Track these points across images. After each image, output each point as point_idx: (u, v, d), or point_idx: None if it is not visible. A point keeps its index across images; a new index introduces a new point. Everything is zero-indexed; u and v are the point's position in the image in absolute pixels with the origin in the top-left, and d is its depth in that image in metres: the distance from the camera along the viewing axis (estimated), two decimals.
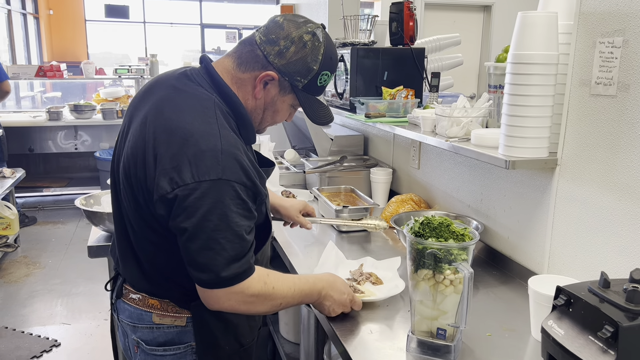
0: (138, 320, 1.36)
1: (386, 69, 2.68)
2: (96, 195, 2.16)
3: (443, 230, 1.27)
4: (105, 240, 2.01)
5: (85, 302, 3.78)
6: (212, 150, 1.16)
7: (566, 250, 1.55)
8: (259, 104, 1.33)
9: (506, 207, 1.82)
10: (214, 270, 1.16)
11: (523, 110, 1.50)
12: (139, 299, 1.35)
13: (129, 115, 1.34)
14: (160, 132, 1.20)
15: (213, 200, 1.14)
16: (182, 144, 1.16)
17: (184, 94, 1.27)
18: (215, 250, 1.15)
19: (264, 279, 1.25)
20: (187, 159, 1.15)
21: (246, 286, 1.20)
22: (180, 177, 1.14)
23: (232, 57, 1.32)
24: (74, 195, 6.28)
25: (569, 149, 1.52)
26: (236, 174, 1.17)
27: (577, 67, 1.47)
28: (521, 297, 1.61)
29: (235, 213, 1.17)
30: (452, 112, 1.87)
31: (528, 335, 1.40)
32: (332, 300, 1.41)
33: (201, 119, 1.20)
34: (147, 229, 1.27)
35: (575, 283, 1.25)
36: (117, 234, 1.39)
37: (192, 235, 1.15)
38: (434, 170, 2.30)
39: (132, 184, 1.25)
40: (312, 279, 1.39)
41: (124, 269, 1.39)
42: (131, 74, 6.06)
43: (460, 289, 1.25)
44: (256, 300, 1.23)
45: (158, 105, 1.26)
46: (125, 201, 1.29)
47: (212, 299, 1.20)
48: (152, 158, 1.19)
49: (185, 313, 1.34)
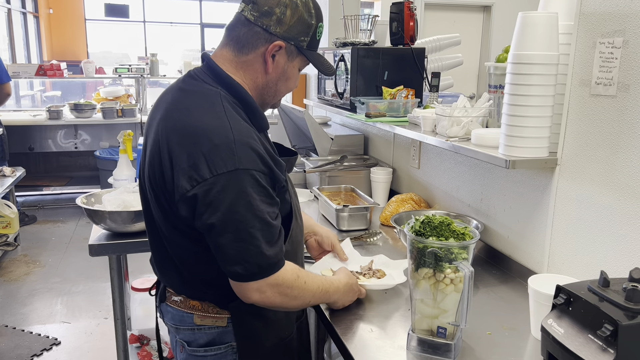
0: (180, 322, 1.37)
1: (386, 69, 2.68)
2: (97, 194, 2.17)
3: (444, 229, 1.27)
4: (105, 239, 2.01)
5: (85, 301, 3.79)
6: (225, 143, 1.16)
7: (566, 250, 1.56)
8: (271, 78, 1.33)
9: (506, 206, 1.83)
10: (249, 261, 1.16)
11: (523, 110, 1.51)
12: (181, 300, 1.37)
13: (147, 127, 1.36)
14: (172, 134, 1.21)
15: (235, 191, 1.14)
16: (195, 142, 1.17)
17: (190, 93, 1.28)
18: (246, 241, 1.15)
19: (296, 272, 1.27)
20: (202, 155, 1.15)
21: (281, 277, 1.21)
22: (198, 174, 1.15)
23: (230, 45, 1.32)
24: (74, 194, 6.28)
25: (568, 148, 1.53)
26: (253, 161, 1.18)
27: (577, 67, 1.48)
28: (521, 296, 1.62)
29: (259, 201, 1.17)
30: (453, 112, 1.88)
31: (528, 334, 1.41)
32: (345, 300, 1.47)
33: (210, 114, 1.21)
34: (177, 233, 1.28)
35: (575, 282, 1.26)
36: (151, 243, 1.40)
37: (220, 230, 1.15)
38: (434, 170, 2.31)
39: (155, 190, 1.26)
40: (335, 283, 1.42)
41: (162, 276, 1.41)
42: (131, 74, 6.06)
43: (460, 287, 1.26)
44: (290, 293, 1.25)
45: (168, 109, 1.28)
46: (154, 209, 1.31)
47: (249, 292, 1.20)
48: (168, 161, 1.20)
49: (226, 314, 1.34)
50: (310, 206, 2.51)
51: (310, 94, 3.99)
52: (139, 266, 4.11)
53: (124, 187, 2.16)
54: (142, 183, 1.37)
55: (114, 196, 2.08)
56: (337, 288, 1.41)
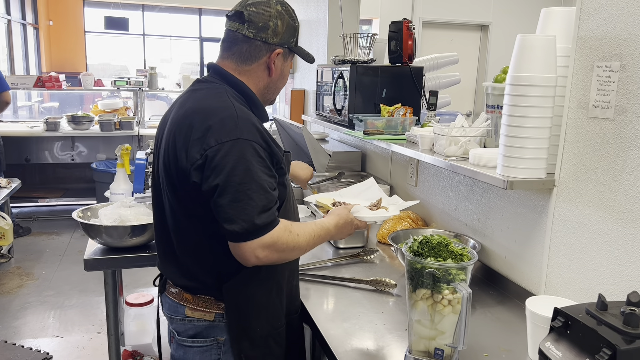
0: (174, 313, 1.48)
1: (385, 87, 2.70)
2: (93, 208, 2.16)
3: (442, 249, 1.27)
4: (101, 254, 2.00)
5: (78, 315, 3.75)
6: (229, 117, 1.33)
7: (563, 271, 1.55)
8: (273, 79, 1.51)
9: (504, 226, 1.83)
10: (245, 220, 1.27)
11: (521, 131, 1.51)
12: (176, 292, 1.48)
13: (158, 134, 1.52)
14: (183, 119, 1.37)
15: (236, 157, 1.28)
16: (203, 119, 1.33)
17: (199, 91, 1.46)
18: (243, 202, 1.27)
19: (289, 228, 1.37)
20: (209, 128, 1.31)
21: (276, 236, 1.32)
22: (205, 143, 1.30)
23: (232, 58, 1.47)
24: (69, 206, 6.26)
25: (566, 170, 1.53)
26: (253, 134, 1.32)
27: (575, 90, 1.49)
28: (518, 317, 1.61)
29: (257, 169, 1.30)
30: (451, 131, 1.89)
31: (525, 356, 1.40)
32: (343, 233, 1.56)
33: (216, 99, 1.39)
34: (185, 214, 1.39)
35: (573, 305, 1.26)
36: (158, 236, 1.54)
37: (221, 191, 1.28)
38: (432, 188, 2.31)
39: (169, 173, 1.39)
40: (326, 225, 1.50)
41: (163, 267, 1.54)
42: (129, 86, 6.07)
43: (458, 309, 1.25)
44: (286, 248, 1.35)
45: (179, 107, 1.44)
46: (167, 197, 1.43)
47: (247, 252, 1.30)
48: (182, 140, 1.34)
49: (214, 309, 1.43)
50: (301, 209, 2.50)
51: (308, 109, 4.00)
52: (133, 280, 4.09)
53: (121, 202, 2.15)
54: (156, 181, 1.51)
55: (110, 210, 2.07)
56: (328, 230, 1.50)
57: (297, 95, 4.07)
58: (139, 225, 1.99)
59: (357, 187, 2.11)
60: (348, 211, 1.58)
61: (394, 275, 1.90)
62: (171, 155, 1.38)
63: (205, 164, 1.29)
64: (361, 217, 1.59)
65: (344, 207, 1.60)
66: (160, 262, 1.56)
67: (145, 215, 2.08)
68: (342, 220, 1.54)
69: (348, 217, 1.56)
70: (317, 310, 1.63)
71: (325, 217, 1.56)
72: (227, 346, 1.44)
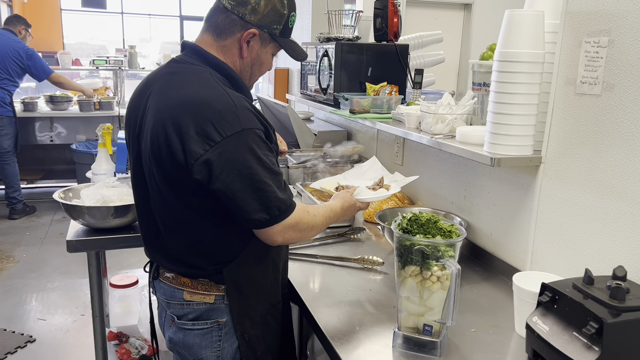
0: (171, 297, 1.46)
1: (370, 65, 2.67)
2: (75, 189, 2.11)
3: (430, 226, 1.27)
4: (84, 235, 1.97)
5: (61, 297, 3.71)
6: (227, 108, 1.28)
7: (549, 248, 1.57)
8: (246, 62, 1.45)
9: (490, 204, 1.84)
10: (270, 207, 1.29)
11: (509, 108, 1.51)
12: (172, 277, 1.45)
13: (132, 117, 1.44)
14: (174, 108, 1.30)
15: (244, 149, 1.26)
16: (198, 110, 1.27)
17: (180, 74, 1.38)
18: (264, 190, 1.28)
19: (306, 209, 1.42)
20: (208, 121, 1.26)
21: (298, 216, 1.36)
22: (209, 138, 1.25)
23: (209, 31, 1.42)
24: (49, 187, 6.16)
25: (553, 147, 1.54)
26: (253, 121, 1.30)
27: (562, 66, 1.49)
28: (504, 294, 1.63)
29: (264, 154, 1.30)
30: (437, 109, 1.88)
31: (512, 331, 1.42)
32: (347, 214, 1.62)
33: (205, 86, 1.32)
34: (182, 208, 1.35)
35: (560, 280, 1.27)
36: (144, 227, 1.50)
37: (240, 186, 1.26)
38: (418, 167, 2.31)
39: (162, 166, 1.32)
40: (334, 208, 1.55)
41: (153, 255, 1.51)
42: (109, 65, 5.95)
43: (447, 285, 1.26)
44: (307, 228, 1.40)
45: (162, 92, 1.36)
46: (155, 188, 1.38)
47: (275, 234, 1.33)
48: (175, 133, 1.28)
49: (214, 291, 1.42)
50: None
51: (292, 89, 3.96)
52: (116, 262, 4.06)
53: (103, 182, 2.11)
54: (136, 167, 1.44)
55: (92, 191, 2.04)
56: (336, 212, 1.55)
57: (280, 74, 4.02)
58: (122, 205, 1.96)
59: (361, 167, 2.16)
60: (350, 194, 1.66)
61: (380, 254, 1.91)
62: (163, 150, 1.30)
63: (214, 161, 1.25)
64: (363, 199, 1.67)
65: (346, 191, 1.68)
66: (149, 250, 1.53)
67: (128, 196, 2.04)
68: (347, 203, 1.61)
69: (351, 200, 1.63)
70: (304, 289, 1.63)
71: (331, 200, 1.61)
72: (228, 327, 1.43)
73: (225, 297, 1.42)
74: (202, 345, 1.44)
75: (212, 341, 1.44)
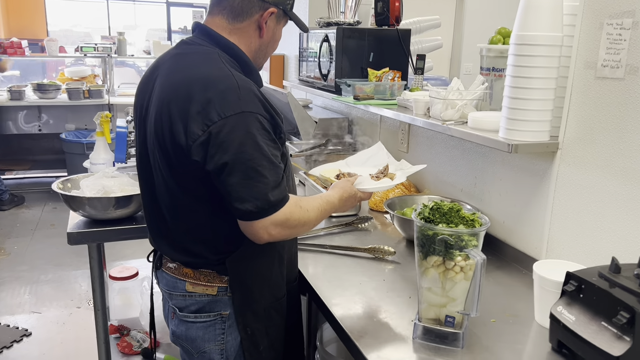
0: (173, 289, 1.42)
1: (372, 50, 2.62)
2: (74, 179, 2.05)
3: (453, 215, 1.23)
4: (85, 227, 1.91)
5: (56, 290, 3.64)
6: (230, 88, 1.23)
7: (566, 235, 1.54)
8: (264, 42, 1.42)
9: (502, 191, 1.81)
10: (259, 198, 1.21)
11: (526, 92, 1.47)
12: (175, 267, 1.41)
13: (139, 100, 1.41)
14: (178, 89, 1.26)
15: (242, 132, 1.20)
16: (201, 90, 1.23)
17: (187, 55, 1.34)
18: (255, 179, 1.21)
19: (299, 203, 1.32)
20: (210, 101, 1.21)
21: (288, 212, 1.26)
22: (207, 118, 1.20)
23: (223, 13, 1.37)
24: (38, 178, 6.05)
25: (570, 132, 1.50)
26: (256, 106, 1.24)
27: (582, 50, 1.45)
28: (519, 282, 1.60)
29: (264, 142, 1.22)
30: (448, 95, 1.84)
31: (531, 320, 1.39)
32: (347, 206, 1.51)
33: (211, 66, 1.28)
34: (183, 193, 1.31)
35: (584, 268, 1.24)
36: (149, 213, 1.46)
37: (231, 169, 1.20)
38: (424, 154, 2.27)
39: (164, 148, 1.29)
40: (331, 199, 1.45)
41: (157, 244, 1.47)
42: (97, 53, 5.82)
43: (470, 275, 1.23)
44: (297, 224, 1.30)
45: (168, 73, 1.33)
46: (159, 172, 1.34)
47: (260, 230, 1.24)
48: (177, 113, 1.24)
49: (217, 282, 1.38)
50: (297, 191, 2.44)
51: (289, 75, 3.90)
52: (111, 253, 3.98)
53: (103, 172, 2.05)
54: (142, 152, 1.41)
55: (92, 181, 1.97)
56: (333, 204, 1.45)
57: (276, 60, 3.95)
58: (124, 196, 1.90)
59: (364, 153, 2.06)
60: (351, 184, 1.53)
61: (389, 242, 1.87)
62: (166, 130, 1.27)
63: (210, 141, 1.20)
64: (364, 189, 1.54)
65: (347, 180, 1.56)
66: (154, 239, 1.49)
67: (129, 186, 1.99)
68: (346, 193, 1.50)
69: (351, 190, 1.52)
70: (316, 281, 1.59)
71: (329, 191, 1.50)
72: (231, 320, 1.39)
73: (228, 289, 1.38)
74: (205, 339, 1.40)
75: (215, 334, 1.40)
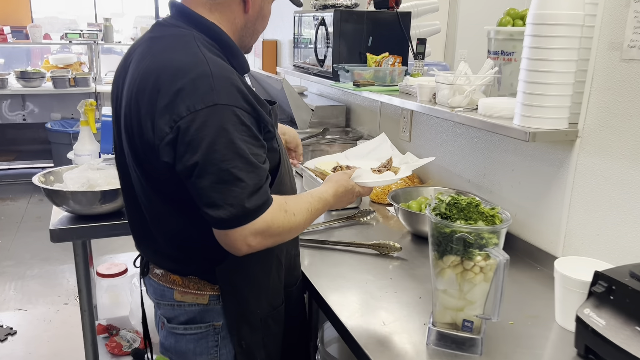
0: (161, 297, 1.30)
1: (370, 34, 2.50)
2: (57, 172, 1.92)
3: (472, 211, 1.12)
4: (69, 222, 1.78)
5: (42, 286, 3.52)
6: (202, 76, 1.06)
7: (586, 230, 1.44)
8: (250, 17, 1.25)
9: (514, 182, 1.70)
10: (233, 204, 1.04)
11: (544, 76, 1.37)
12: (162, 274, 1.29)
13: (114, 89, 1.26)
14: (147, 79, 1.11)
15: (214, 128, 1.04)
16: (170, 80, 1.07)
17: (160, 39, 1.19)
18: (229, 182, 1.04)
19: (283, 207, 1.14)
20: (178, 92, 1.05)
21: (270, 219, 1.09)
22: (175, 113, 1.05)
23: None
24: (23, 169, 5.88)
25: (591, 119, 1.40)
26: (233, 97, 1.07)
27: (605, 29, 1.34)
28: (533, 279, 1.51)
29: (241, 140, 1.06)
30: (455, 80, 1.73)
31: (552, 322, 1.29)
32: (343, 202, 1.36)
33: (184, 52, 1.11)
34: (159, 197, 1.19)
35: (614, 267, 1.14)
36: (130, 215, 1.33)
37: (201, 171, 1.04)
38: (428, 143, 2.16)
39: (133, 146, 1.15)
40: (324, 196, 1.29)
41: (142, 248, 1.35)
42: (83, 39, 5.64)
43: (490, 276, 1.12)
44: (282, 231, 1.14)
45: (139, 59, 1.17)
46: (134, 172, 1.21)
47: (237, 240, 1.07)
48: (145, 107, 1.10)
49: (208, 290, 1.25)
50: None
51: (282, 61, 3.77)
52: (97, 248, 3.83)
53: (88, 164, 1.92)
54: (118, 147, 1.28)
55: (77, 174, 1.84)
56: (326, 201, 1.29)
57: (268, 46, 3.81)
58: (110, 190, 1.78)
59: (367, 145, 1.92)
60: (348, 177, 1.38)
61: (393, 237, 1.77)
62: (134, 125, 1.12)
63: (178, 139, 1.05)
64: (363, 183, 1.40)
65: (344, 173, 1.41)
66: (137, 243, 1.36)
67: (116, 179, 1.83)
68: (342, 188, 1.34)
69: (348, 184, 1.36)
70: (319, 279, 1.48)
71: (322, 186, 1.34)
72: (225, 331, 1.27)
73: (220, 299, 1.25)
74: (196, 352, 1.27)
75: (207, 347, 1.27)
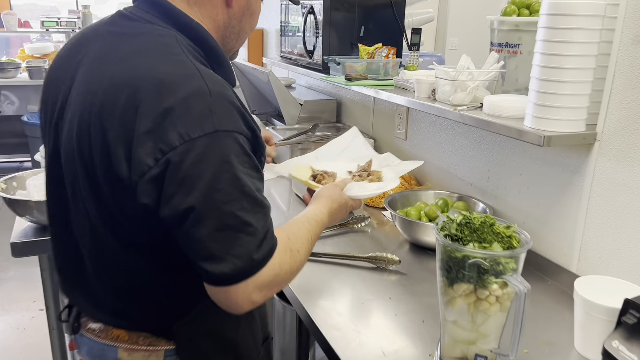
0: (100, 358, 1.03)
1: (362, 24, 2.35)
2: (19, 177, 1.75)
3: (486, 231, 0.98)
4: (33, 235, 1.62)
5: (17, 289, 3.34)
6: (197, 94, 0.84)
7: (604, 243, 1.31)
8: (235, 12, 1.04)
9: (522, 187, 1.56)
10: (240, 256, 0.83)
11: (560, 73, 1.23)
12: (100, 329, 1.03)
13: (51, 92, 1.01)
14: (116, 92, 0.86)
15: (215, 161, 0.83)
16: (153, 97, 0.83)
17: (127, 38, 0.93)
18: (234, 228, 0.83)
19: (288, 246, 0.95)
20: (166, 114, 0.82)
21: (277, 266, 0.89)
22: (163, 142, 0.81)
23: None
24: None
25: (612, 121, 1.26)
26: (235, 121, 0.86)
27: (629, 21, 1.20)
28: (545, 295, 1.37)
29: (245, 174, 0.85)
30: (457, 76, 1.58)
31: (570, 349, 1.16)
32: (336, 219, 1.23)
33: (166, 59, 0.88)
34: (116, 240, 0.94)
35: None
36: (58, 247, 1.07)
37: (199, 217, 0.82)
38: (426, 142, 2.01)
39: (93, 180, 0.90)
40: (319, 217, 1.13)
41: (73, 297, 1.08)
42: (61, 27, 5.41)
43: (506, 306, 0.98)
44: (290, 276, 0.95)
45: (98, 62, 0.92)
46: (81, 205, 0.95)
47: (240, 297, 0.85)
48: (116, 129, 0.85)
49: (163, 344, 1.01)
50: (280, 183, 2.17)
51: (269, 51, 3.59)
52: None
53: None
54: (53, 165, 1.01)
55: (41, 180, 1.67)
56: (323, 223, 1.13)
57: (254, 35, 3.64)
58: None
59: (338, 142, 1.72)
60: (340, 190, 1.25)
61: (390, 247, 1.63)
62: (95, 153, 0.87)
63: (166, 175, 0.82)
64: (355, 196, 1.28)
65: (334, 186, 1.27)
66: (65, 287, 1.10)
67: None
68: (336, 203, 1.21)
69: (342, 199, 1.23)
70: (309, 299, 1.33)
71: (314, 205, 1.17)
72: None
73: (177, 354, 1.02)
74: None
75: None
